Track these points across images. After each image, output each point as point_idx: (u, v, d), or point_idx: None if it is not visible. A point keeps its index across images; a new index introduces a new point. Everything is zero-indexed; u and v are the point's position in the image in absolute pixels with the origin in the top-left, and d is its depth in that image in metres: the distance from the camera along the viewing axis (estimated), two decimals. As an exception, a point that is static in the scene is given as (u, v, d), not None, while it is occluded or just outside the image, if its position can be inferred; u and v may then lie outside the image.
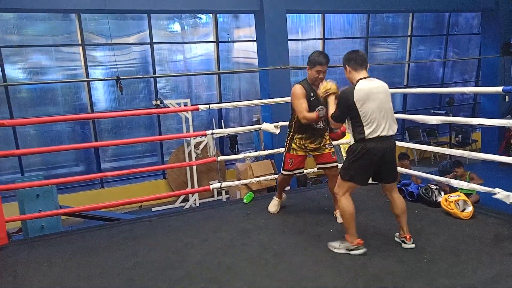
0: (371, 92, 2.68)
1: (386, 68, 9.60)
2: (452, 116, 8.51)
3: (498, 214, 3.45)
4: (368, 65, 2.82)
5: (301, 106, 3.28)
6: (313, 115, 3.26)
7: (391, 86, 2.90)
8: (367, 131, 2.68)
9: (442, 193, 3.78)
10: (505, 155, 8.48)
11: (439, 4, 8.87)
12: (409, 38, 9.84)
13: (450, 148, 8.97)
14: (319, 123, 3.40)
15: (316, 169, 3.81)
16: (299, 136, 3.47)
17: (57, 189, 4.36)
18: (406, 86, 9.67)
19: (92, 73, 7.40)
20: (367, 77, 2.75)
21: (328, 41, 8.90)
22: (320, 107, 3.31)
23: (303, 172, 3.82)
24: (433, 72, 10.67)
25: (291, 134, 3.53)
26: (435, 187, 3.84)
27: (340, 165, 3.26)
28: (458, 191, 3.84)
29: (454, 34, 10.49)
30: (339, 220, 3.50)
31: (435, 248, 2.84)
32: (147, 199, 4.05)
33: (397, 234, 2.99)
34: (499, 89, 3.21)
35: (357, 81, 2.71)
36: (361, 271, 2.59)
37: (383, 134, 2.69)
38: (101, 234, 3.61)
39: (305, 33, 8.91)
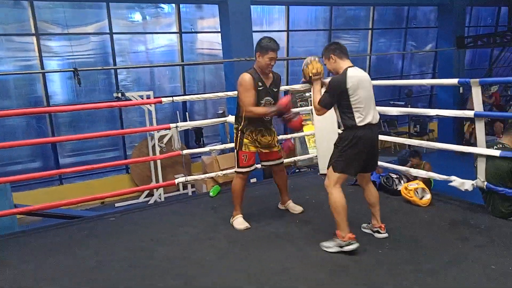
0: (361, 80, 2.70)
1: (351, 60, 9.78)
2: (411, 106, 8.86)
3: (453, 201, 3.63)
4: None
5: (249, 98, 3.07)
6: (261, 110, 3.09)
7: None
8: (358, 118, 2.67)
9: (402, 181, 3.93)
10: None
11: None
12: (370, 31, 10.08)
13: (408, 137, 9.34)
14: (266, 117, 3.21)
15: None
16: (249, 129, 3.22)
17: (12, 187, 4.13)
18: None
19: (48, 64, 7.02)
20: (353, 66, 2.76)
21: (292, 33, 8.94)
22: (267, 98, 3.16)
23: (255, 168, 3.52)
24: (393, 64, 11.02)
25: (240, 128, 3.26)
26: (395, 176, 3.98)
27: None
28: (417, 179, 4.00)
29: (412, 28, 10.85)
30: (295, 210, 3.50)
31: (396, 235, 2.94)
32: (110, 196, 3.92)
33: (366, 224, 3.03)
34: (454, 81, 3.36)
35: (346, 69, 2.70)
36: (327, 262, 2.64)
37: (372, 121, 2.71)
38: (60, 233, 3.45)
39: (270, 25, 8.90)
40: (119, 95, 6.46)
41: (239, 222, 3.29)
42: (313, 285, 2.42)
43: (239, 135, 3.28)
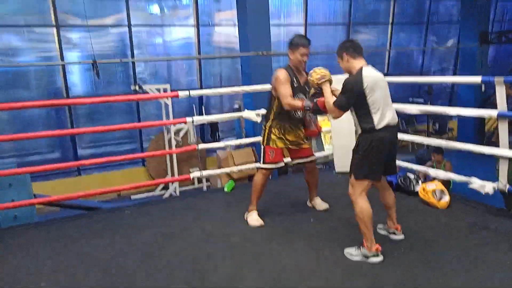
0: (376, 80, 2.58)
1: (367, 55, 9.56)
2: (430, 104, 8.66)
3: (473, 203, 3.53)
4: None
5: (286, 91, 3.09)
6: (298, 103, 3.08)
7: None
8: (376, 120, 2.54)
9: (420, 182, 3.85)
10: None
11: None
12: (390, 25, 9.87)
13: (427, 136, 9.16)
14: (297, 112, 3.25)
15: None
16: (278, 126, 3.27)
17: (31, 177, 4.21)
18: (387, 74, 9.75)
19: (67, 55, 7.12)
20: (367, 65, 2.64)
21: (311, 27, 8.82)
22: (301, 95, 3.19)
23: (285, 164, 3.58)
24: (412, 60, 10.78)
25: (268, 124, 3.30)
26: (413, 177, 3.90)
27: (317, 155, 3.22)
28: (435, 179, 3.92)
29: (434, 23, 10.57)
30: (321, 207, 3.51)
31: (412, 238, 2.89)
32: (126, 188, 3.97)
33: (382, 225, 2.97)
34: (478, 79, 3.25)
35: (361, 68, 2.58)
36: (341, 261, 2.61)
37: (390, 123, 2.59)
38: (78, 223, 3.52)
39: (288, 18, 8.80)
40: (137, 87, 6.49)
41: (254, 219, 3.30)
42: (326, 284, 2.40)
43: (267, 131, 3.31)
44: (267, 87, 4.37)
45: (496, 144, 3.18)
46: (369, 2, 9.58)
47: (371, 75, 2.57)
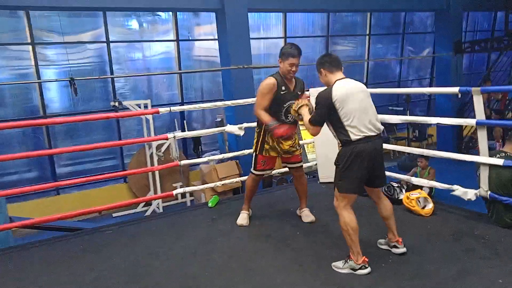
0: (351, 92, 2.58)
1: (346, 66, 9.72)
2: (409, 112, 8.83)
3: (456, 210, 3.57)
4: (342, 67, 2.74)
5: (261, 101, 3.19)
6: (265, 118, 3.16)
7: None
8: (351, 133, 2.54)
9: (404, 190, 3.87)
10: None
11: (395, 3, 9.14)
12: (367, 37, 10.07)
13: (408, 143, 9.31)
14: (288, 116, 3.24)
15: (281, 168, 3.76)
16: (270, 135, 3.28)
17: (7, 198, 4.06)
18: (366, 84, 9.89)
19: (44, 72, 6.96)
20: (344, 78, 2.67)
21: (290, 39, 8.91)
22: (290, 102, 3.18)
23: (271, 172, 3.74)
24: (390, 70, 11.00)
25: (262, 133, 3.32)
26: (396, 185, 3.92)
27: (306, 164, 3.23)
28: (419, 188, 3.96)
29: (409, 33, 10.85)
30: (306, 219, 3.49)
31: (399, 247, 2.88)
32: (107, 208, 3.85)
33: (383, 240, 2.91)
34: (455, 89, 3.32)
35: (334, 82, 2.63)
36: (329, 278, 2.57)
37: (370, 134, 2.57)
38: (56, 246, 3.38)
39: (267, 31, 8.88)
40: (116, 104, 6.40)
41: (241, 218, 3.50)
42: (316, 301, 2.36)
43: (260, 138, 3.36)
44: (248, 100, 4.36)
45: (473, 147, 3.25)
46: (346, 14, 9.77)
47: (342, 87, 2.59)
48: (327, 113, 2.60)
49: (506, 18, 9.09)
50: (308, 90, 3.23)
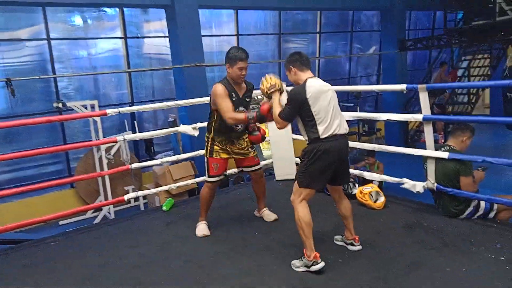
0: (321, 90, 2.61)
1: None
2: (359, 108, 9.13)
3: (406, 202, 3.72)
4: (310, 66, 2.75)
5: (227, 105, 3.05)
6: (241, 116, 3.05)
7: None
8: (321, 130, 2.56)
9: (357, 185, 3.98)
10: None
11: (343, 2, 9.39)
12: (318, 35, 10.27)
13: (358, 137, 9.64)
14: (238, 125, 3.21)
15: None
16: (219, 138, 3.25)
17: None
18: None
19: (-24, 72, 6.38)
20: (313, 77, 2.68)
21: (242, 37, 8.87)
22: (240, 108, 3.16)
23: (226, 175, 3.62)
24: (340, 66, 11.31)
25: (211, 137, 3.29)
26: (350, 180, 4.01)
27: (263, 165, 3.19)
28: (370, 182, 4.08)
29: (357, 31, 11.21)
30: (268, 218, 3.45)
31: (355, 242, 2.94)
32: (52, 218, 3.59)
33: (339, 237, 2.95)
34: (403, 86, 3.44)
35: (306, 80, 2.63)
36: (286, 276, 2.56)
37: (337, 132, 2.60)
38: (-6, 263, 3.10)
39: (219, 29, 8.77)
40: (60, 105, 5.99)
41: (200, 229, 3.32)
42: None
43: (209, 143, 3.27)
44: (202, 99, 4.26)
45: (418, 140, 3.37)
46: (297, 13, 9.88)
47: (314, 85, 2.61)
48: (298, 110, 2.60)
49: (444, 18, 9.64)
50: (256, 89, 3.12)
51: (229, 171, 4.12)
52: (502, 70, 10.36)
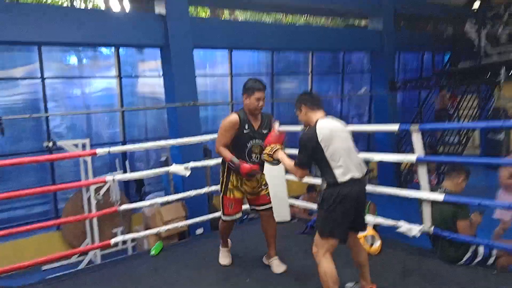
0: (334, 130, 2.49)
1: (291, 103, 10.04)
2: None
3: (404, 246, 3.61)
4: (323, 106, 2.67)
5: (222, 138, 3.08)
6: (227, 154, 3.03)
7: (296, 120, 2.81)
8: (338, 174, 2.41)
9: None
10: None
11: (333, 44, 9.67)
12: (310, 75, 10.48)
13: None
14: (252, 157, 3.10)
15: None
16: (234, 174, 3.14)
17: None
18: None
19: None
20: (325, 117, 2.59)
21: (236, 77, 9.01)
22: (256, 140, 3.08)
23: (241, 216, 3.40)
24: (332, 107, 11.46)
25: (226, 171, 3.18)
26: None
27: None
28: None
29: (348, 73, 11.49)
30: (277, 270, 3.23)
31: (351, 290, 2.81)
32: (33, 264, 3.40)
33: (352, 284, 2.78)
34: (395, 127, 3.44)
35: (317, 121, 2.53)
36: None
37: (356, 175, 2.46)
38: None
39: (213, 68, 8.91)
40: (50, 144, 5.90)
41: (222, 256, 3.44)
42: None
43: (224, 178, 3.21)
44: (194, 139, 4.23)
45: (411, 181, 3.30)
46: (289, 54, 10.13)
47: (326, 126, 2.50)
48: (313, 154, 2.49)
49: (433, 60, 9.95)
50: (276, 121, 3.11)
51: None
52: (486, 110, 10.66)
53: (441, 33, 11.17)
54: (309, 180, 4.16)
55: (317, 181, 3.84)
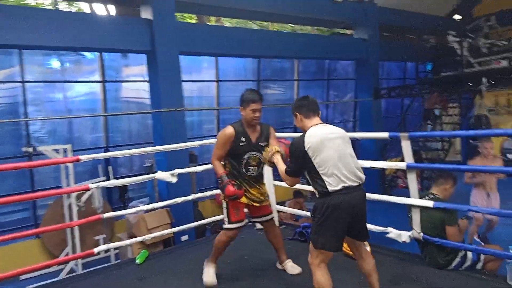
0: (326, 138, 2.41)
1: (277, 109, 10.05)
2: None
3: (391, 252, 3.60)
4: (319, 111, 2.61)
5: (217, 152, 3.05)
6: (218, 169, 3.01)
7: (282, 126, 2.80)
8: (328, 183, 2.34)
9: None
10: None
11: (319, 52, 9.74)
12: (296, 82, 10.53)
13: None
14: (249, 169, 3.05)
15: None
16: (234, 176, 3.08)
17: None
18: (295, 127, 10.20)
19: None
20: (320, 123, 2.53)
21: (222, 83, 8.97)
22: (253, 153, 3.03)
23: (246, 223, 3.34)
24: (318, 113, 11.53)
25: (227, 173, 3.10)
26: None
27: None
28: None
29: (333, 79, 11.60)
30: (292, 271, 3.20)
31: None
32: (11, 275, 3.24)
33: None
34: (385, 135, 3.44)
35: (308, 129, 2.49)
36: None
37: (349, 184, 2.36)
38: None
39: (199, 74, 8.85)
40: (30, 149, 5.71)
41: (209, 275, 3.13)
42: None
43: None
44: (182, 145, 4.15)
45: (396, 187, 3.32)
46: (275, 61, 10.16)
47: (316, 134, 2.43)
48: (303, 163, 2.42)
49: (416, 69, 10.13)
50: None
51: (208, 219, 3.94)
52: (468, 118, 10.90)
53: (424, 43, 11.41)
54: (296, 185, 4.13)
55: (304, 187, 3.83)
